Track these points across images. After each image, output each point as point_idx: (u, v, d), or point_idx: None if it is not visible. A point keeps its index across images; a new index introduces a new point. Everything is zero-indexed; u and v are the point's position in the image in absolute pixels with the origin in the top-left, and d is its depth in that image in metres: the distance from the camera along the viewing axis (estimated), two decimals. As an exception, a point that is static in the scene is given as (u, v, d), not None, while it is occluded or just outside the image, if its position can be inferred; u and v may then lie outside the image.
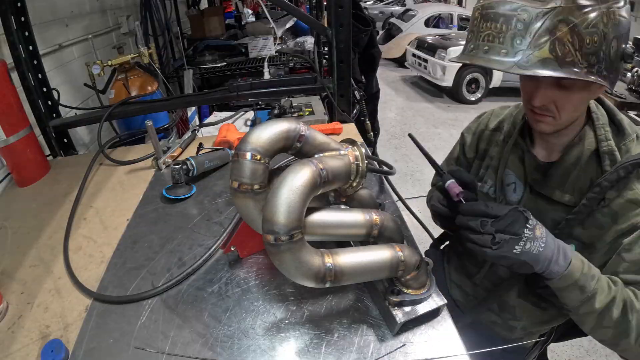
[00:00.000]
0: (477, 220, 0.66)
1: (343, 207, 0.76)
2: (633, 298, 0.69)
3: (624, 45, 0.65)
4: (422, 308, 0.67)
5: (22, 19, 1.25)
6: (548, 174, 0.82)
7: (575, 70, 0.61)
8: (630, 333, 0.68)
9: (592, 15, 0.60)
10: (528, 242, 0.64)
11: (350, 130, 1.43)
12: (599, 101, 0.83)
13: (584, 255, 0.72)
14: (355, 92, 1.55)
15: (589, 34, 0.60)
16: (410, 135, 0.83)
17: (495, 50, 0.64)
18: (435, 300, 0.68)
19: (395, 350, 0.64)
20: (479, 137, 1.01)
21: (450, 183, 0.73)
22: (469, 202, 0.70)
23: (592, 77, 0.62)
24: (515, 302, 0.93)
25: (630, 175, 0.72)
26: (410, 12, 8.30)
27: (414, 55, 6.48)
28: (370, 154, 0.79)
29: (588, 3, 0.60)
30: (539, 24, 0.60)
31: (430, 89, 6.44)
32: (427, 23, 7.86)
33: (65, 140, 1.46)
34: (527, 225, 0.64)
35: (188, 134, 1.38)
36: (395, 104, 5.96)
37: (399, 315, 0.65)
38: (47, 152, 1.40)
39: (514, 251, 0.64)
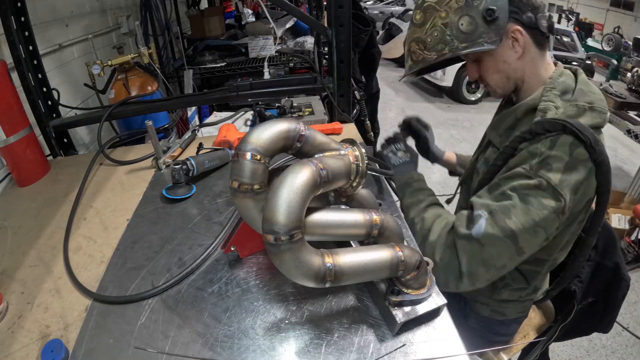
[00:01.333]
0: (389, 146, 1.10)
1: (343, 207, 0.76)
2: (433, 230, 0.85)
3: (482, 10, 0.78)
4: (422, 308, 0.67)
5: (22, 19, 1.25)
6: (493, 120, 0.99)
7: (425, 60, 0.87)
8: (425, 250, 0.85)
9: (429, 22, 0.84)
10: (391, 153, 1.08)
11: (350, 130, 1.43)
12: (575, 75, 0.86)
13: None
14: (355, 92, 1.55)
15: (429, 35, 0.84)
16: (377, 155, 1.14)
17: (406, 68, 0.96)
18: (435, 300, 0.68)
19: (395, 350, 0.64)
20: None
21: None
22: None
23: (445, 56, 0.83)
24: None
25: (541, 135, 0.75)
26: (410, 12, 8.29)
27: (414, 55, 6.47)
28: (372, 154, 0.89)
29: (423, 20, 0.85)
30: (407, 49, 0.93)
31: (430, 89, 6.44)
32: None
33: (65, 140, 1.46)
34: (396, 146, 1.08)
35: (188, 134, 1.38)
36: (395, 104, 5.96)
37: (399, 315, 0.65)
38: (47, 152, 1.40)
39: (383, 151, 1.10)
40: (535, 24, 0.81)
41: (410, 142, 1.16)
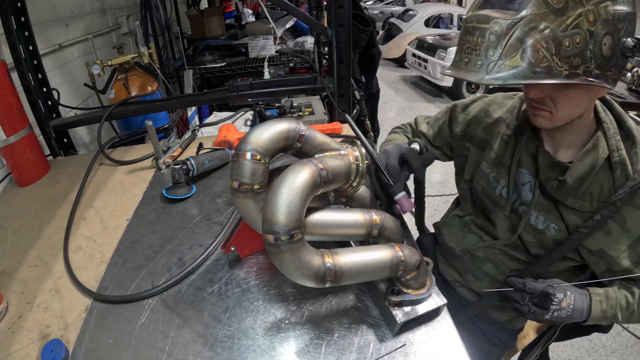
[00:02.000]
0: (519, 293, 0.85)
1: (343, 207, 0.76)
2: (623, 300, 0.82)
3: (624, 40, 0.64)
4: (422, 308, 0.67)
5: (22, 19, 1.25)
6: (563, 180, 0.81)
7: (552, 74, 0.61)
8: None
9: (572, 16, 0.59)
10: (556, 312, 0.80)
11: (350, 130, 1.43)
12: (608, 105, 0.82)
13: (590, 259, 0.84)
14: (355, 92, 1.55)
15: (568, 36, 0.60)
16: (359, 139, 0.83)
17: (472, 62, 0.66)
18: (435, 300, 0.69)
19: (395, 350, 0.64)
20: (476, 122, 1.01)
21: (402, 197, 0.77)
22: (512, 279, 0.88)
23: (576, 79, 0.62)
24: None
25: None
26: (410, 12, 8.30)
27: (414, 55, 6.48)
28: (376, 154, 0.81)
29: (565, 5, 0.59)
30: (509, 35, 0.61)
31: (430, 89, 6.44)
32: (427, 23, 7.86)
33: (65, 140, 1.46)
34: (553, 303, 0.80)
35: (188, 134, 1.38)
36: (395, 104, 5.96)
37: (399, 315, 0.65)
38: (47, 152, 1.40)
39: (545, 317, 0.82)
40: None
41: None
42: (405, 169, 0.81)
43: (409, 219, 1.06)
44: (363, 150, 0.72)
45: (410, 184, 0.84)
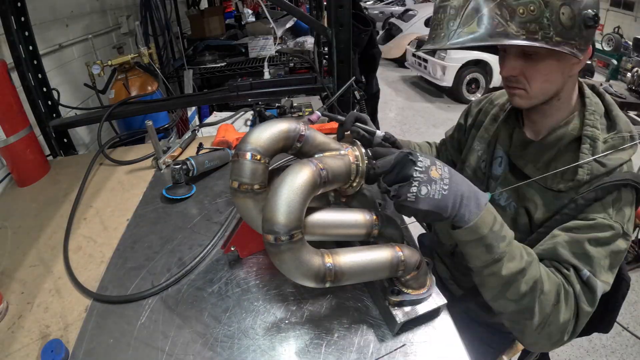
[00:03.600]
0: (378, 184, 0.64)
1: (343, 207, 0.76)
2: (545, 279, 0.66)
3: (584, 11, 0.66)
4: (422, 308, 0.67)
5: (22, 19, 1.25)
6: (527, 149, 0.84)
7: (507, 35, 0.64)
8: (534, 316, 0.66)
9: None
10: (423, 186, 0.59)
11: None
12: (600, 96, 0.83)
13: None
14: (355, 92, 1.55)
15: (522, 4, 0.63)
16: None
17: (439, 36, 0.72)
18: (435, 300, 0.69)
19: (395, 350, 0.64)
20: (484, 111, 1.03)
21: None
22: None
23: (537, 43, 0.65)
24: None
25: (607, 196, 0.71)
26: (410, 12, 8.30)
27: (414, 55, 6.48)
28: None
29: None
30: (466, 6, 0.67)
31: (430, 89, 6.44)
32: (427, 23, 7.85)
33: (65, 140, 1.46)
34: (416, 167, 0.59)
35: (188, 134, 1.38)
36: (395, 104, 5.96)
37: (399, 315, 0.65)
38: (47, 152, 1.40)
39: (408, 198, 0.59)
40: (593, 42, 0.74)
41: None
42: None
43: (409, 218, 1.06)
44: (363, 150, 0.72)
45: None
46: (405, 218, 0.91)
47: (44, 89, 1.37)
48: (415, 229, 0.87)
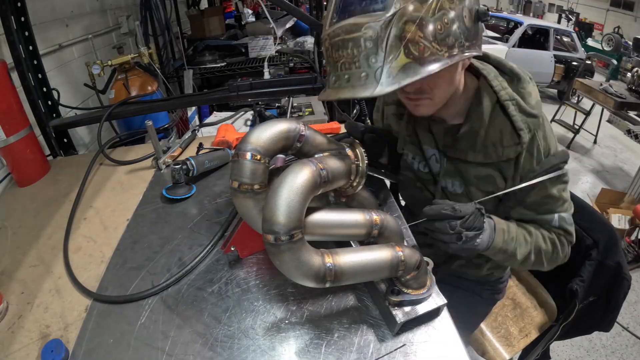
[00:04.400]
0: (444, 222, 0.70)
1: (343, 207, 0.76)
2: (542, 243, 0.84)
3: (477, 8, 0.65)
4: (422, 308, 0.67)
5: (22, 19, 1.25)
6: (457, 139, 0.83)
7: (437, 59, 0.60)
8: (542, 266, 0.87)
9: (434, 1, 0.59)
10: (484, 234, 0.74)
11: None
12: (484, 58, 0.84)
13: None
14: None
15: (437, 19, 0.59)
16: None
17: (355, 76, 0.62)
18: (435, 300, 0.69)
19: (395, 350, 0.64)
20: (383, 113, 1.04)
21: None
22: (434, 206, 0.71)
23: (457, 57, 0.62)
24: None
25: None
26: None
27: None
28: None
29: None
30: (386, 36, 0.58)
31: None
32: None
33: (65, 140, 1.46)
34: (484, 220, 0.73)
35: (188, 134, 1.38)
36: (395, 104, 5.95)
37: (399, 315, 0.65)
38: (47, 152, 1.40)
39: (476, 244, 0.73)
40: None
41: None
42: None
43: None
44: (363, 150, 0.72)
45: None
46: (406, 219, 0.92)
47: (44, 89, 1.37)
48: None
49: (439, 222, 0.70)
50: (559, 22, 11.00)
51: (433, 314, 0.69)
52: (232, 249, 0.80)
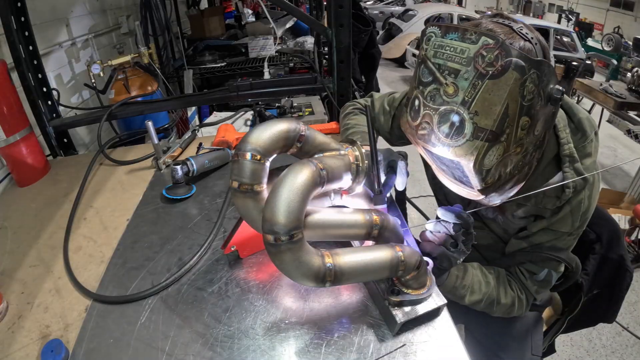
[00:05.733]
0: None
1: (343, 207, 0.76)
2: (501, 297, 0.86)
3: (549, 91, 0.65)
4: (422, 308, 0.67)
5: (22, 19, 1.25)
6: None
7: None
8: (492, 312, 0.88)
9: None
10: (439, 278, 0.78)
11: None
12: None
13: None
14: (356, 92, 1.55)
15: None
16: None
17: (430, 132, 0.67)
18: (435, 300, 0.68)
19: (395, 350, 0.64)
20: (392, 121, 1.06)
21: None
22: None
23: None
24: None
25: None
26: (410, 12, 8.30)
27: (414, 55, 6.48)
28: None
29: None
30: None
31: (430, 89, 6.43)
32: (427, 23, 7.86)
33: (65, 140, 1.46)
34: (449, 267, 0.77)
35: (188, 134, 1.38)
36: (395, 104, 5.95)
37: (399, 315, 0.65)
38: (47, 152, 1.40)
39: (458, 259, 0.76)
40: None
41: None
42: (391, 175, 0.80)
43: (409, 219, 1.06)
44: (363, 150, 0.72)
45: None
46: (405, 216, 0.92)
47: (44, 89, 1.37)
48: (416, 229, 0.87)
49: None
50: (559, 22, 11.01)
51: (433, 314, 0.69)
52: (232, 249, 0.80)
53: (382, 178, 0.78)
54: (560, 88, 0.64)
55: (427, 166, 1.02)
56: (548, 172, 0.79)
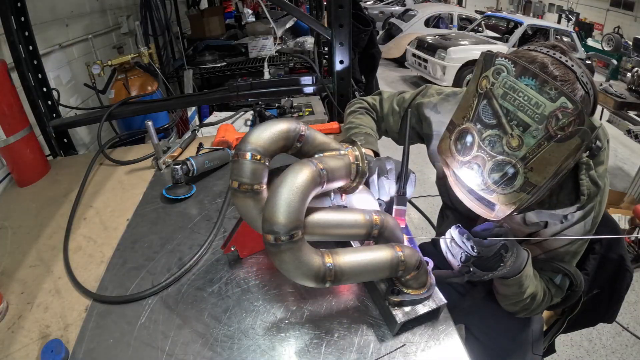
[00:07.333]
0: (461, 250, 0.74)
1: (343, 207, 0.76)
2: (540, 293, 0.85)
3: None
4: (422, 308, 0.67)
5: (22, 19, 1.25)
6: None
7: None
8: (527, 311, 0.88)
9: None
10: (497, 272, 0.75)
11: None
12: None
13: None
14: (356, 92, 1.55)
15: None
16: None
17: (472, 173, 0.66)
18: (435, 300, 0.69)
19: (395, 350, 0.64)
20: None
21: (401, 210, 0.79)
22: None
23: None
24: None
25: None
26: (410, 12, 8.29)
27: (414, 55, 6.48)
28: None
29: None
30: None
31: (430, 89, 6.42)
32: (427, 23, 7.85)
33: (65, 140, 1.46)
34: (500, 265, 0.74)
35: (188, 134, 1.38)
36: (395, 104, 5.95)
37: (399, 315, 0.65)
38: (47, 152, 1.40)
39: (483, 278, 0.75)
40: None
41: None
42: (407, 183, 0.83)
43: (409, 219, 1.05)
44: (363, 150, 0.72)
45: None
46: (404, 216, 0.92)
47: (44, 89, 1.37)
48: (416, 229, 0.87)
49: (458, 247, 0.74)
50: (559, 22, 11.01)
51: (433, 314, 0.69)
52: (232, 249, 0.80)
53: (393, 186, 0.80)
54: (600, 145, 0.64)
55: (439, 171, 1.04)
56: (567, 181, 0.80)
